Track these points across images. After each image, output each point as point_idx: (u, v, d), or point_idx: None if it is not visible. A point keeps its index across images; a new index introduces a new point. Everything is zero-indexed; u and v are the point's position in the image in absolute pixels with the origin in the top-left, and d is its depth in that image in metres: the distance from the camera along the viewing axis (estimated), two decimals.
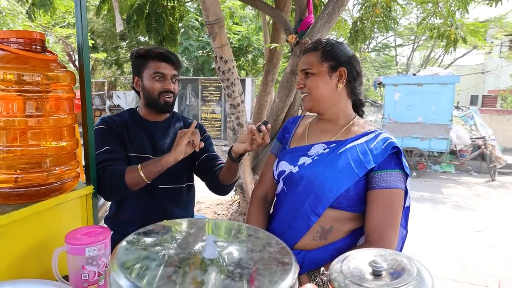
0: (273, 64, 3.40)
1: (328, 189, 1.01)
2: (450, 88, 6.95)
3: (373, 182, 1.01)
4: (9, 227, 0.78)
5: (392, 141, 1.02)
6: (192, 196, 1.52)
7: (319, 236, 1.04)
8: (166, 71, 1.33)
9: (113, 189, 1.17)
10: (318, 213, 1.03)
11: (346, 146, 1.04)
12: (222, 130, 10.09)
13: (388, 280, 0.53)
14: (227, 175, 1.32)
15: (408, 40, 16.09)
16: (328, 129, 1.12)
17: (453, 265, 3.28)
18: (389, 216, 0.98)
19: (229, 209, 4.25)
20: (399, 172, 1.01)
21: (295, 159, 1.10)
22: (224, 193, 1.45)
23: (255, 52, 11.45)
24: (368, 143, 1.03)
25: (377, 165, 1.00)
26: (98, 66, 13.68)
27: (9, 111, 0.81)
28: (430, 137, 7.10)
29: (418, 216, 4.64)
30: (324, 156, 1.05)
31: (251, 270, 0.48)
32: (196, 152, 1.45)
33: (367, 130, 1.08)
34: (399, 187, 0.99)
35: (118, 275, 0.44)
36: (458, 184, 6.72)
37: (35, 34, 0.88)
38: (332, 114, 1.11)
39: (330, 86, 1.07)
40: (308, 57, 1.09)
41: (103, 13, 3.53)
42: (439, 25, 3.67)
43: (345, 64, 1.07)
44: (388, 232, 0.97)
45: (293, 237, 1.06)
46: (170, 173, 1.36)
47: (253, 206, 1.23)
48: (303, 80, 1.09)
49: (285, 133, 1.25)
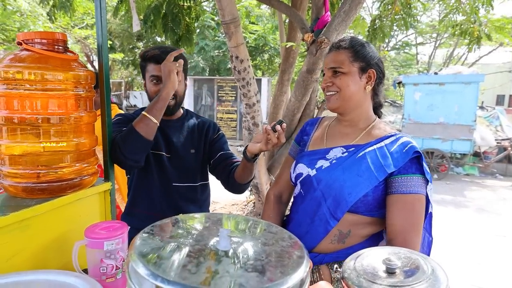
0: (289, 64, 3.39)
1: (347, 193, 0.99)
2: (474, 87, 6.72)
3: (393, 187, 0.98)
4: (33, 221, 0.82)
5: (413, 145, 1.00)
6: (207, 195, 1.52)
7: (337, 240, 1.03)
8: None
9: (130, 147, 1.13)
10: (337, 217, 1.01)
11: (365, 150, 1.02)
12: (238, 130, 10.09)
13: (402, 278, 0.53)
14: (242, 174, 1.32)
15: (430, 38, 15.65)
16: (347, 133, 1.10)
17: (475, 270, 3.17)
18: (412, 221, 0.96)
19: (244, 209, 4.26)
20: (420, 177, 0.98)
21: (313, 162, 1.09)
22: (240, 192, 1.45)
23: (272, 52, 11.41)
24: (389, 146, 1.01)
25: (397, 170, 0.98)
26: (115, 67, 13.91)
27: (33, 108, 0.84)
28: (452, 138, 6.89)
29: (439, 220, 4.51)
30: (342, 160, 1.04)
31: (263, 262, 0.49)
32: (211, 152, 1.46)
33: (387, 133, 1.06)
34: (420, 193, 0.97)
35: (137, 264, 0.46)
36: (482, 187, 6.50)
37: (58, 34, 0.91)
38: (355, 115, 1.09)
39: (359, 87, 1.05)
40: (338, 55, 1.06)
41: (120, 14, 3.62)
42: (461, 22, 3.56)
43: (375, 66, 1.06)
44: (411, 236, 0.95)
45: (311, 241, 1.05)
46: (183, 172, 1.39)
47: (267, 206, 1.23)
48: (330, 78, 1.07)
49: (304, 135, 1.24)
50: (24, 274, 0.71)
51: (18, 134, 0.85)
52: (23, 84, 0.82)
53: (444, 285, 0.50)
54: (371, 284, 0.52)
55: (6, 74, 0.81)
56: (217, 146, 1.47)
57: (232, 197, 4.67)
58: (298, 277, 0.46)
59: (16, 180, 0.86)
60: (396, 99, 11.76)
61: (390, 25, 3.44)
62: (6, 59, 0.84)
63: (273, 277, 0.45)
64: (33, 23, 7.29)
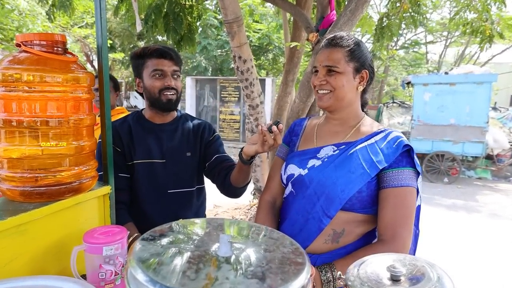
0: (293, 64, 3.37)
1: (340, 190, 1.00)
2: (487, 88, 6.58)
3: (384, 181, 1.00)
4: (31, 225, 0.81)
5: (402, 140, 1.02)
6: (203, 199, 1.49)
7: (331, 239, 1.03)
8: (165, 67, 1.30)
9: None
10: (330, 215, 1.01)
11: (356, 147, 1.04)
12: (241, 132, 9.99)
13: (407, 285, 0.52)
14: (238, 177, 1.28)
15: (440, 36, 15.42)
16: (337, 131, 1.11)
17: (488, 278, 3.08)
18: (402, 215, 0.97)
19: (247, 213, 4.23)
20: (411, 170, 1.01)
21: (304, 162, 1.09)
22: (236, 196, 1.41)
23: (276, 51, 11.32)
24: (379, 142, 1.03)
25: (389, 164, 1.00)
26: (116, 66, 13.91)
27: (32, 111, 0.83)
28: (464, 141, 6.76)
29: (450, 225, 4.41)
30: (334, 158, 1.05)
31: (264, 269, 0.48)
32: (206, 154, 1.43)
33: (376, 129, 1.08)
34: (411, 185, 0.99)
35: (136, 270, 0.46)
36: (495, 191, 6.37)
37: (57, 36, 0.90)
38: (345, 114, 1.10)
39: (352, 87, 1.06)
40: (333, 53, 1.05)
41: (121, 13, 3.62)
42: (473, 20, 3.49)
43: (368, 67, 1.07)
44: (401, 231, 0.96)
45: (304, 240, 1.05)
46: (179, 177, 1.35)
47: (260, 212, 1.19)
48: (325, 76, 1.05)
49: (292, 135, 1.23)
50: (22, 279, 0.70)
51: (16, 137, 0.84)
52: (22, 86, 0.81)
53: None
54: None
55: (5, 76, 0.81)
56: (212, 149, 1.44)
57: (235, 201, 4.64)
58: (299, 284, 0.46)
59: (14, 184, 0.85)
60: (405, 100, 11.60)
61: (399, 24, 3.39)
62: (4, 61, 0.84)
63: (273, 284, 0.45)
64: (32, 22, 7.25)
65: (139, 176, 1.32)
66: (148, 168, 1.33)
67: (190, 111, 10.14)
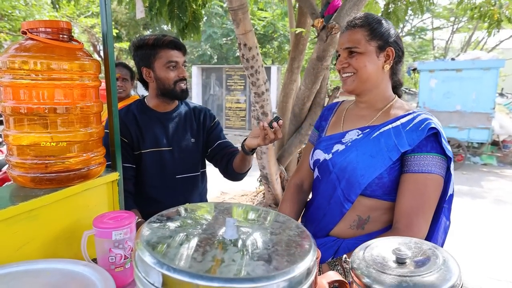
0: (299, 51, 3.33)
1: (360, 174, 0.97)
2: (494, 73, 6.44)
3: (406, 166, 0.95)
4: (41, 210, 0.82)
5: (430, 122, 0.95)
6: (206, 182, 1.57)
7: (356, 225, 1.02)
8: (179, 58, 1.35)
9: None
10: (351, 200, 1.00)
11: (380, 130, 1.00)
12: (247, 120, 9.99)
13: (412, 268, 0.51)
14: (241, 165, 1.37)
15: (447, 22, 15.09)
16: (364, 115, 1.08)
17: (492, 262, 3.10)
18: (420, 203, 0.92)
19: (253, 200, 4.26)
20: (436, 156, 0.94)
21: (330, 147, 1.08)
22: (238, 180, 1.50)
23: (281, 39, 11.21)
24: (405, 125, 0.97)
25: (412, 148, 0.94)
26: (122, 56, 13.88)
27: (40, 98, 0.84)
28: (470, 127, 6.65)
29: (455, 211, 4.38)
30: (357, 142, 1.02)
31: (270, 251, 0.48)
32: (209, 140, 1.50)
33: (405, 112, 1.02)
34: (433, 172, 0.93)
35: (143, 252, 0.46)
36: (500, 177, 6.29)
37: (62, 23, 0.90)
38: (372, 96, 1.06)
39: (377, 67, 1.01)
40: (353, 34, 1.01)
41: (125, 1, 3.58)
42: (480, 4, 3.41)
43: (393, 44, 1.02)
44: (417, 221, 0.91)
45: (328, 223, 1.05)
46: (185, 163, 1.42)
47: (287, 193, 1.24)
48: (346, 59, 1.02)
49: (322, 120, 1.23)
50: (34, 262, 0.72)
51: (25, 125, 0.85)
52: (29, 73, 0.82)
53: (456, 276, 0.49)
54: (381, 274, 0.50)
55: (12, 64, 0.81)
56: (214, 135, 1.51)
57: (241, 188, 4.67)
58: (304, 266, 0.46)
59: (24, 170, 0.86)
60: (411, 87, 11.46)
61: (405, 9, 3.33)
62: (11, 48, 0.84)
63: (279, 265, 0.45)
64: (38, 12, 7.34)
65: (148, 164, 1.37)
66: (156, 156, 1.37)
67: (196, 100, 10.12)
